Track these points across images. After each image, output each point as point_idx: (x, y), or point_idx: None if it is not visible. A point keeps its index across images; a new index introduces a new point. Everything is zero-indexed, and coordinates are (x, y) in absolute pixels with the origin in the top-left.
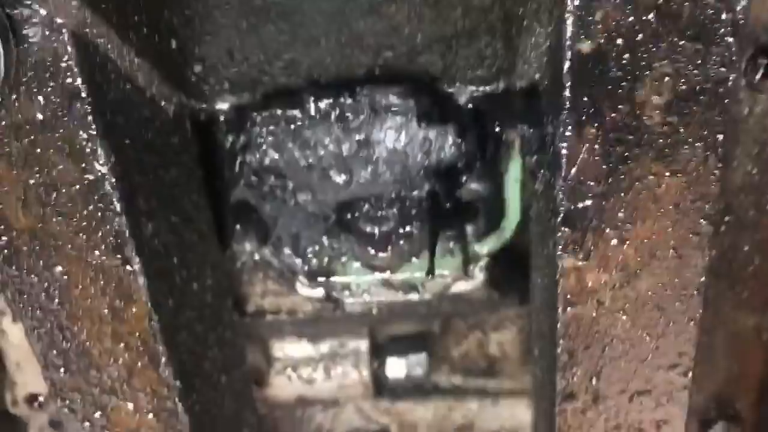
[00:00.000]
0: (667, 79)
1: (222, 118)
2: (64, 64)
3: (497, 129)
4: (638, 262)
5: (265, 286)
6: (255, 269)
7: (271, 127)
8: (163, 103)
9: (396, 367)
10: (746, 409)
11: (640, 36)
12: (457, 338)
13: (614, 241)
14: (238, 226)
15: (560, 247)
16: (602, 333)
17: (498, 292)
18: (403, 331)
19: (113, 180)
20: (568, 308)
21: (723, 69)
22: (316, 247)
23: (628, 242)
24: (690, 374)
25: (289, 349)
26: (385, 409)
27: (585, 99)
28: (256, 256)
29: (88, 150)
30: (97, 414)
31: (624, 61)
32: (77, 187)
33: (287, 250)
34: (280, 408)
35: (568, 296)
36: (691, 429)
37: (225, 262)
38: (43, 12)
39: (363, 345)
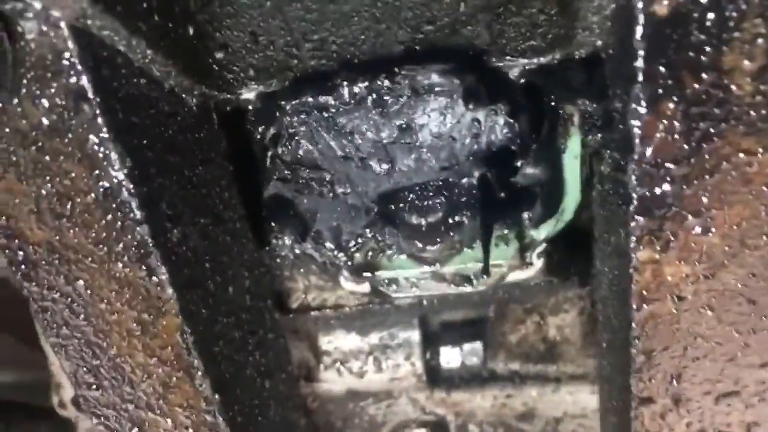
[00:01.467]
0: (760, 41)
1: (250, 108)
2: (66, 62)
3: (554, 104)
4: (725, 251)
5: (308, 281)
6: (296, 264)
7: (303, 116)
8: (183, 95)
9: (450, 357)
10: None
11: None
12: (513, 323)
13: (697, 230)
14: (274, 222)
15: (634, 238)
16: (684, 331)
17: (558, 278)
18: (456, 318)
19: (131, 186)
20: (644, 305)
21: None
22: (360, 241)
23: (713, 230)
24: None
25: (337, 342)
26: (440, 399)
27: (662, 69)
28: (297, 251)
29: (101, 155)
30: (134, 430)
31: (708, 22)
32: (93, 195)
33: (329, 245)
34: (332, 402)
35: (644, 292)
36: None
37: (263, 259)
38: (37, 5)
39: (414, 335)
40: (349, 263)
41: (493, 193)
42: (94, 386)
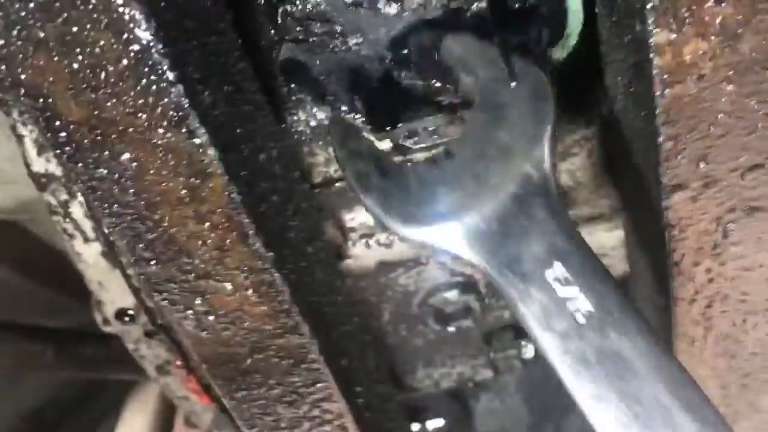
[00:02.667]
0: None
1: None
2: None
3: None
4: (738, 20)
5: (327, 153)
6: (314, 137)
7: None
8: None
9: None
10: None
11: None
12: None
13: (710, 2)
14: (290, 85)
15: (650, 22)
16: (707, 109)
17: (565, 118)
18: None
19: (160, 47)
20: (667, 89)
21: None
22: (376, 96)
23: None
24: None
25: (362, 216)
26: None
27: None
28: (313, 123)
29: (127, 17)
30: (198, 300)
31: None
32: (125, 62)
33: (345, 107)
34: (363, 277)
35: (665, 76)
36: None
37: (284, 133)
38: None
39: None
40: (367, 121)
41: (503, 11)
42: (152, 261)
